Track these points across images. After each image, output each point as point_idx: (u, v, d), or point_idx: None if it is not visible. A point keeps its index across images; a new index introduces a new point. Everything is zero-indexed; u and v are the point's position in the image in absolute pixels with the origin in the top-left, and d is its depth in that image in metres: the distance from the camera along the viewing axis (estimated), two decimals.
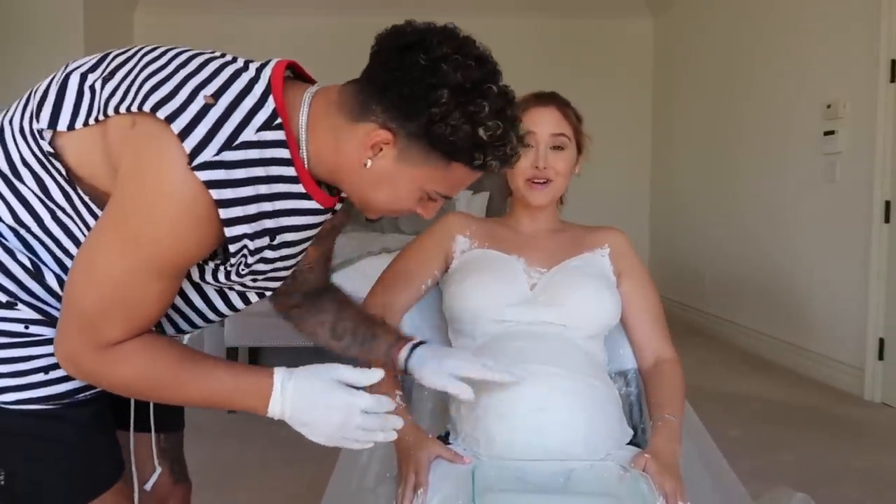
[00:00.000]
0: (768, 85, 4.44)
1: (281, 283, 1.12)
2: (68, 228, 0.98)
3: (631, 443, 1.35)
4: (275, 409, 0.98)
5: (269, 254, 1.00)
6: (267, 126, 0.93)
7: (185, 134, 0.87)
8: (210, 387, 0.98)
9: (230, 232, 0.92)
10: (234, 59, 0.99)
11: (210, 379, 0.98)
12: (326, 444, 1.01)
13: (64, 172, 0.96)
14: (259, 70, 0.97)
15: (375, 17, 1.51)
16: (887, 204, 3.39)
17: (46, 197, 0.97)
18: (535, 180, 1.43)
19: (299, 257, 1.09)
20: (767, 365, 4.19)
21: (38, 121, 0.97)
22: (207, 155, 0.87)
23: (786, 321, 4.20)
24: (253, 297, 1.11)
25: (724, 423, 2.97)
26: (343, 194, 1.07)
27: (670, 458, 1.24)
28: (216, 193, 0.88)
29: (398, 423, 1.02)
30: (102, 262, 0.91)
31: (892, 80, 3.36)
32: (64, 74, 0.99)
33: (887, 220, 3.40)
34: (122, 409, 1.19)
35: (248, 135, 0.91)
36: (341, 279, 4.13)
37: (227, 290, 1.07)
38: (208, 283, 1.04)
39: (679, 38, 5.93)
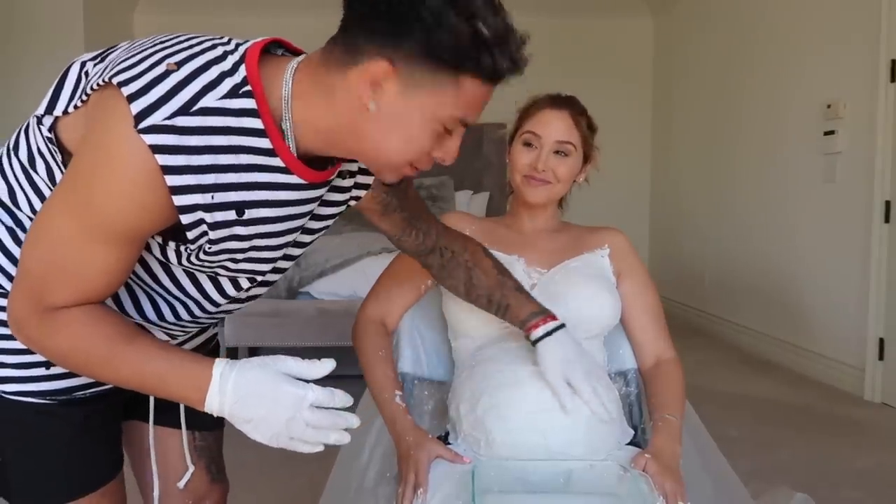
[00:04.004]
0: (768, 85, 4.44)
1: (271, 264, 1.06)
2: None
3: (631, 443, 1.35)
4: (212, 404, 0.91)
5: (240, 230, 0.94)
6: (233, 94, 0.87)
7: (134, 97, 0.83)
8: (144, 369, 0.92)
9: (179, 201, 0.87)
10: (221, 38, 0.94)
11: (145, 361, 0.92)
12: (270, 443, 0.93)
13: (60, 159, 0.96)
14: (240, 44, 0.93)
15: None
16: (887, 204, 3.39)
17: (54, 185, 0.97)
18: (533, 177, 1.43)
19: (287, 236, 1.03)
20: (767, 365, 4.19)
21: (40, 108, 0.97)
22: (157, 118, 0.83)
23: (786, 321, 4.20)
24: (244, 283, 1.06)
25: (724, 423, 2.96)
26: (332, 170, 1.01)
27: (670, 459, 1.24)
28: (163, 159, 0.83)
29: (353, 421, 0.93)
30: (51, 223, 0.89)
31: (892, 80, 3.35)
32: (69, 64, 0.99)
33: (887, 220, 3.40)
34: (146, 404, 1.19)
35: (209, 101, 0.86)
36: (341, 279, 4.13)
37: (218, 276, 1.04)
38: (193, 267, 1.01)
39: (679, 38, 5.93)
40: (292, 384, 0.91)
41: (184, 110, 0.84)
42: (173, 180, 0.85)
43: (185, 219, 0.89)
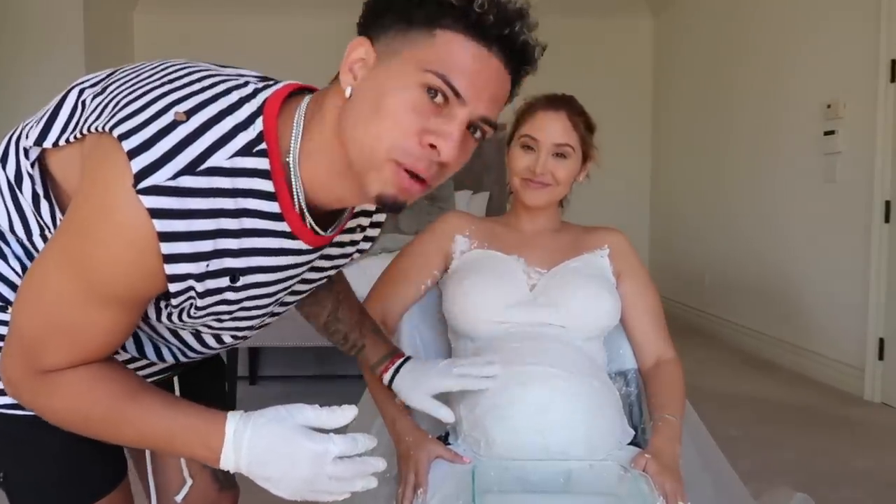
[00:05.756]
0: (768, 85, 4.44)
1: (258, 320, 1.01)
2: None
3: (631, 443, 1.35)
4: (227, 463, 0.85)
5: (230, 295, 0.88)
6: (245, 152, 0.79)
7: (135, 153, 0.75)
8: (149, 430, 0.85)
9: (170, 269, 0.79)
10: (239, 77, 0.86)
11: (151, 421, 0.85)
12: (293, 498, 0.87)
13: (42, 192, 0.91)
14: (260, 89, 0.84)
15: None
16: (887, 204, 3.39)
17: (38, 212, 0.93)
18: (532, 180, 1.43)
19: (277, 296, 0.97)
20: (767, 365, 4.19)
21: (27, 137, 0.90)
22: (159, 178, 0.75)
23: (786, 321, 4.20)
24: (227, 339, 1.02)
25: (724, 422, 2.97)
26: (334, 234, 0.95)
27: (670, 459, 1.24)
28: (160, 224, 0.76)
29: (379, 464, 0.88)
30: (47, 281, 0.82)
31: (892, 80, 3.35)
32: (68, 89, 0.92)
33: (887, 220, 3.40)
34: None
35: (219, 160, 0.78)
36: None
37: (200, 332, 0.99)
38: (174, 326, 0.95)
39: (679, 38, 5.93)
40: (311, 439, 0.84)
41: (190, 169, 0.76)
42: (168, 248, 0.78)
43: (174, 287, 0.82)
